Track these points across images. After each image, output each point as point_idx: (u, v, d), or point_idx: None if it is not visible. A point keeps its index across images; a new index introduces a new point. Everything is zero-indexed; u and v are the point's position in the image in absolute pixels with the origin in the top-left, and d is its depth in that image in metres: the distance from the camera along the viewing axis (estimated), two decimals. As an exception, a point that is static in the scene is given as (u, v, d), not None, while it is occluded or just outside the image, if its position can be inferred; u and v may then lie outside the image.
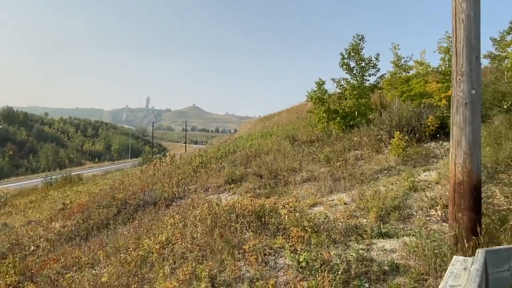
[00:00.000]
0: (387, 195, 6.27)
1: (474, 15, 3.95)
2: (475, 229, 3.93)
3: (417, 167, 8.06)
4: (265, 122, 28.64)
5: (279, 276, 4.42)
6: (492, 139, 7.70)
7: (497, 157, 6.78)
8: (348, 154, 10.56)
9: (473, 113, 4.00)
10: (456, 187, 4.11)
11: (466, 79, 4.01)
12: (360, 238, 4.94)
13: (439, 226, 4.93)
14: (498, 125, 8.30)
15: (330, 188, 8.14)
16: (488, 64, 14.55)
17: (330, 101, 13.50)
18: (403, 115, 10.43)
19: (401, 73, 14.29)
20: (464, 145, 4.02)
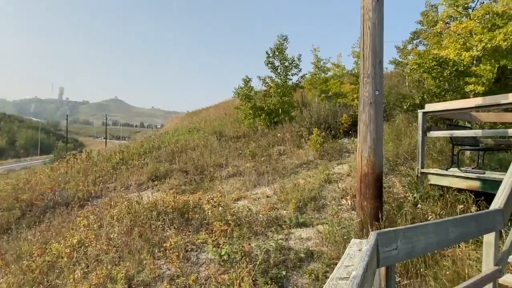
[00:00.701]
0: (305, 187, 6.68)
1: (378, 23, 4.41)
2: (377, 215, 4.41)
3: (332, 161, 8.75)
4: (192, 118, 28.08)
5: (200, 271, 4.39)
6: (394, 135, 8.73)
7: (397, 152, 7.71)
8: (272, 149, 10.95)
9: (377, 112, 4.47)
10: (362, 178, 4.56)
11: (371, 81, 4.46)
12: (279, 229, 5.17)
13: (349, 214, 5.43)
14: (399, 123, 9.43)
15: (255, 182, 8.36)
16: (393, 69, 16.48)
17: (256, 98, 13.82)
18: (321, 113, 11.22)
19: (320, 74, 15.30)
20: (369, 141, 4.48)
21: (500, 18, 8.10)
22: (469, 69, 8.46)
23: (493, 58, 8.30)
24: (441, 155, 7.01)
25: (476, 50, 8.30)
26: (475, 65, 8.52)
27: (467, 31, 8.61)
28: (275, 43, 13.72)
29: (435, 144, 7.47)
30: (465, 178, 4.82)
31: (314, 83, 15.12)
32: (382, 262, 1.64)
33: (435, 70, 8.86)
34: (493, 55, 8.25)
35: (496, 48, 7.96)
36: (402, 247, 1.75)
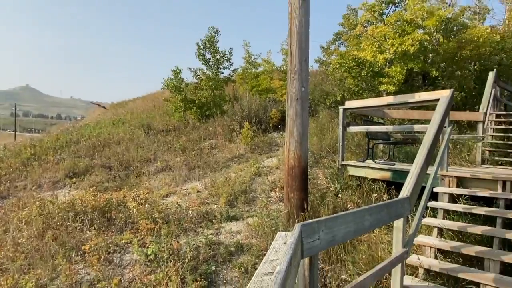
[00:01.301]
0: (236, 181, 6.72)
1: (305, 21, 4.58)
2: (303, 206, 4.63)
3: (262, 154, 8.95)
4: (117, 109, 26.18)
5: (124, 273, 4.12)
6: (318, 130, 9.26)
7: (321, 145, 8.19)
8: (204, 143, 10.79)
9: (303, 107, 4.66)
10: (289, 171, 4.73)
11: (298, 78, 4.63)
12: (210, 224, 5.12)
13: (277, 206, 5.61)
14: (323, 119, 10.03)
15: (185, 177, 8.15)
16: (318, 68, 17.46)
17: (187, 90, 13.43)
18: (252, 108, 11.38)
19: (252, 69, 15.49)
20: (296, 135, 4.66)
21: (408, 25, 9.09)
22: (383, 70, 9.35)
23: (403, 61, 9.29)
24: (359, 148, 7.65)
25: (389, 53, 9.20)
26: (388, 67, 9.45)
27: (382, 35, 9.49)
28: (206, 35, 13.46)
29: (354, 138, 8.12)
30: (378, 169, 5.31)
31: (245, 78, 15.25)
32: (306, 252, 1.70)
33: (354, 70, 9.60)
34: (402, 58, 9.23)
35: (405, 52, 8.92)
36: (324, 237, 1.83)
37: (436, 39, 10.31)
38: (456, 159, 6.58)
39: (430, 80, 10.68)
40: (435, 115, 3.87)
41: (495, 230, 3.44)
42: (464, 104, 9.70)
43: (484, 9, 14.52)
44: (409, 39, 8.56)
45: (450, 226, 3.65)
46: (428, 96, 4.53)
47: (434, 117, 3.83)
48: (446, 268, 3.18)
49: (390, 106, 6.14)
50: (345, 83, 11.54)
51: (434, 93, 4.54)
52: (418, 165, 3.25)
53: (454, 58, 9.87)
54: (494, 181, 4.01)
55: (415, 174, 3.16)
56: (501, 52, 10.08)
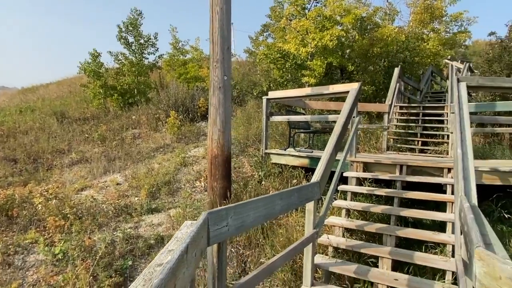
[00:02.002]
0: (159, 171, 6.48)
1: (226, 9, 4.54)
2: (226, 194, 4.67)
3: (189, 144, 8.78)
4: (27, 95, 23.15)
5: (27, 276, 3.72)
6: (245, 120, 9.39)
7: (248, 134, 8.34)
8: (126, 133, 10.17)
9: (225, 96, 4.66)
10: (213, 160, 4.72)
11: (220, 66, 4.60)
12: (129, 217, 4.88)
13: (202, 195, 5.58)
14: (250, 109, 10.20)
15: (104, 170, 7.60)
16: (247, 58, 17.62)
17: (107, 76, 12.45)
18: (179, 96, 11.03)
19: (179, 55, 14.98)
20: (219, 123, 4.65)
21: (328, 21, 9.65)
22: (305, 63, 9.81)
23: (323, 55, 9.87)
24: (283, 137, 7.96)
25: (311, 47, 9.68)
26: (310, 60, 9.94)
27: (304, 29, 9.92)
28: (128, 17, 12.57)
29: (278, 127, 8.43)
30: (298, 156, 5.60)
31: (172, 65, 14.69)
32: (213, 239, 1.71)
33: (279, 62, 9.91)
34: (323, 53, 9.80)
35: (325, 47, 9.48)
36: (233, 223, 1.86)
37: (353, 36, 11.16)
38: (366, 146, 7.27)
39: (347, 74, 11.55)
40: (344, 106, 4.19)
41: (392, 209, 3.90)
42: (375, 97, 10.71)
43: (394, 10, 16.13)
44: (328, 34, 9.11)
45: (356, 206, 4.03)
46: (340, 88, 4.89)
47: (343, 108, 4.15)
48: (352, 245, 3.51)
49: (310, 97, 6.49)
50: (271, 74, 11.85)
51: (344, 85, 4.92)
52: (328, 152, 3.50)
53: (367, 54, 10.80)
54: (393, 165, 4.53)
55: (325, 160, 3.40)
56: (406, 51, 11.33)
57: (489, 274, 1.27)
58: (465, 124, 3.47)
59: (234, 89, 12.04)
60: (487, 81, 4.28)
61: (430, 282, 3.01)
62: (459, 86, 4.03)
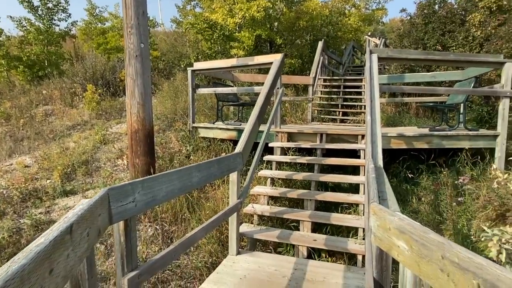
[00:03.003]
0: (75, 151, 5.92)
1: (139, -31, 4.12)
2: (150, 171, 4.44)
3: (111, 120, 8.13)
4: None
5: None
6: (173, 93, 8.98)
7: (175, 108, 8.00)
8: (36, 109, 9.05)
9: (144, 65, 4.32)
10: (133, 135, 4.42)
11: (136, 32, 4.22)
12: (39, 202, 4.39)
13: (125, 174, 5.25)
14: (178, 82, 9.76)
15: (9, 151, 6.70)
16: (174, 28, 16.67)
17: (10, 44, 10.75)
18: (98, 68, 10.06)
19: (97, 23, 13.54)
20: (138, 96, 4.33)
21: (255, -9, 9.47)
22: (234, 34, 9.60)
23: (251, 27, 9.75)
24: (212, 111, 7.82)
25: (238, 18, 9.47)
26: (238, 32, 9.75)
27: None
28: (29, -25, 10.83)
29: (207, 101, 8.23)
30: (226, 129, 5.55)
31: (89, 34, 13.23)
32: (117, 217, 1.58)
33: (207, 33, 9.54)
34: (251, 24, 9.67)
35: (253, 18, 9.36)
36: (141, 198, 1.75)
37: (280, 9, 11.18)
38: (292, 118, 7.51)
39: (276, 47, 11.65)
40: (268, 77, 4.20)
41: (313, 175, 4.11)
42: (301, 70, 11.04)
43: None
44: (255, 5, 8.98)
45: (280, 175, 4.17)
46: (264, 59, 4.88)
47: (267, 79, 4.15)
48: (275, 211, 3.64)
49: (237, 69, 6.39)
50: (200, 45, 11.41)
51: (268, 56, 4.92)
52: (251, 123, 3.50)
53: (294, 28, 10.96)
54: (314, 134, 4.75)
55: (247, 131, 3.40)
56: (329, 25, 11.77)
57: (381, 226, 1.38)
58: (375, 93, 3.72)
59: (160, 61, 11.37)
60: (395, 53, 4.63)
61: (344, 240, 3.27)
62: (371, 57, 4.30)
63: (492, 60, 4.53)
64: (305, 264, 3.02)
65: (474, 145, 4.74)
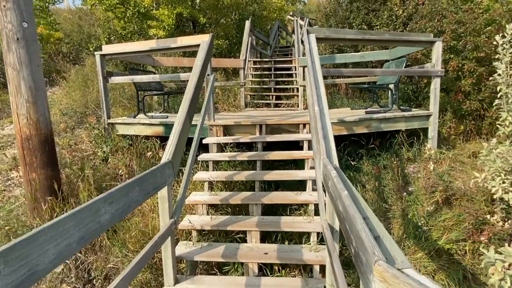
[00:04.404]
0: None
1: None
2: (53, 186, 3.51)
3: (3, 118, 6.61)
4: None
5: None
6: (82, 82, 7.65)
7: (86, 101, 6.80)
8: None
9: (30, 51, 3.30)
10: (24, 143, 3.41)
11: (14, 7, 3.16)
12: None
13: (22, 190, 4.16)
14: (88, 68, 8.37)
15: None
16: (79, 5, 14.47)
17: None
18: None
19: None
20: (25, 92, 3.31)
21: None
22: (151, 12, 8.49)
23: (170, 3, 8.71)
24: (133, 101, 6.81)
25: (155, -7, 8.36)
26: (156, 9, 8.65)
27: (145, -30, 8.43)
28: None
29: (125, 90, 7.17)
30: (150, 124, 4.76)
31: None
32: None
33: (118, 9, 8.26)
34: (169, 1, 8.62)
35: (172, -6, 8.35)
36: (4, 282, 1.05)
37: (201, -16, 10.25)
38: (225, 105, 6.93)
39: (200, 27, 10.75)
40: (196, 62, 3.54)
41: (256, 174, 3.64)
42: (229, 52, 10.39)
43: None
44: (173, -22, 7.97)
45: (219, 177, 3.61)
46: (190, 41, 4.17)
47: (195, 65, 3.49)
48: (217, 223, 3.10)
49: (156, 52, 5.53)
50: (112, 25, 9.95)
51: (194, 37, 4.22)
52: (180, 120, 2.85)
53: (218, 5, 10.17)
54: (253, 126, 4.26)
55: (176, 131, 2.75)
56: (254, 3, 11.23)
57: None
58: (319, 78, 3.34)
59: (64, 44, 9.68)
60: (333, 33, 4.32)
61: (298, 248, 2.90)
62: (309, 38, 3.90)
63: (424, 39, 4.50)
64: (258, 285, 2.58)
65: (410, 126, 4.76)
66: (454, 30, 5.25)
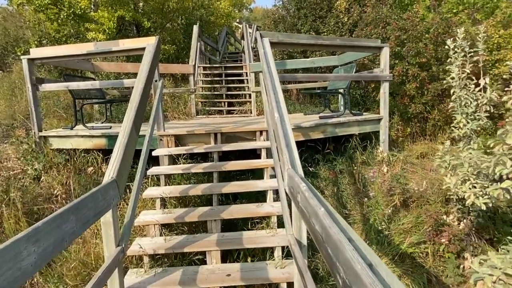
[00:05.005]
0: None
1: None
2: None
3: None
4: None
5: None
6: (9, 90, 6.77)
7: (14, 111, 5.99)
8: None
9: None
10: None
11: None
12: None
13: None
14: (16, 75, 7.45)
15: None
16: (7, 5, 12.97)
17: None
18: None
19: None
20: None
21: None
22: (88, 14, 7.82)
23: (110, 5, 8.11)
24: (69, 112, 6.15)
25: (92, -6, 7.73)
26: (94, 11, 8.00)
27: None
28: None
29: (60, 99, 6.46)
30: (90, 136, 4.26)
31: None
32: None
33: (51, 10, 7.48)
34: (109, 2, 8.03)
35: (112, -4, 7.77)
36: None
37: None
38: (175, 113, 6.55)
39: (144, 31, 10.20)
40: (141, 67, 3.20)
41: (213, 186, 3.38)
42: (177, 58, 9.99)
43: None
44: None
45: (173, 192, 3.28)
46: (134, 43, 3.79)
47: (141, 70, 3.15)
48: (172, 245, 2.78)
49: (96, 56, 5.03)
50: (43, 27, 9.01)
51: (139, 40, 3.85)
52: (126, 132, 2.50)
53: (163, 9, 9.74)
54: (207, 135, 4.00)
55: (122, 145, 2.41)
56: (201, 8, 10.96)
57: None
58: (276, 83, 3.21)
59: (-15, 48, 8.56)
60: (286, 38, 4.24)
61: (262, 265, 2.69)
62: (263, 42, 3.76)
63: (373, 45, 4.60)
64: (222, 312, 2.32)
65: (363, 130, 4.83)
66: (397, 36, 5.49)
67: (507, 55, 5.38)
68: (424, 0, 8.58)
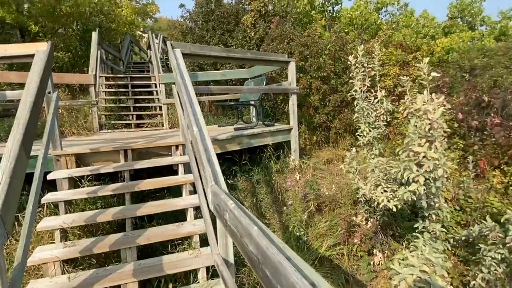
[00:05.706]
0: None
1: None
2: None
3: None
4: None
5: None
6: None
7: None
8: None
9: None
10: None
11: None
12: None
13: None
14: None
15: None
16: None
17: None
18: None
19: None
20: None
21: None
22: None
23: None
24: None
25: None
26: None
27: None
28: None
29: None
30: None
31: None
32: None
33: None
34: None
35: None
36: None
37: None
38: (73, 128, 5.81)
39: (30, 36, 8.89)
40: (32, 76, 2.72)
41: (125, 210, 3.05)
42: (73, 66, 8.97)
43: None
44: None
45: (76, 221, 2.85)
46: (19, 49, 3.22)
47: (30, 79, 2.67)
48: (79, 284, 2.38)
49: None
50: None
51: (26, 45, 3.29)
52: (12, 154, 2.07)
53: (54, 13, 8.67)
54: (116, 152, 3.62)
55: (7, 170, 1.97)
56: (100, 14, 10.11)
57: None
58: (192, 96, 3.09)
59: None
60: (198, 49, 4.15)
61: (187, 290, 2.51)
62: (175, 53, 3.62)
63: (282, 59, 4.85)
64: None
65: (275, 140, 5.02)
66: (301, 52, 5.92)
67: (390, 70, 6.29)
68: (321, 20, 9.55)
